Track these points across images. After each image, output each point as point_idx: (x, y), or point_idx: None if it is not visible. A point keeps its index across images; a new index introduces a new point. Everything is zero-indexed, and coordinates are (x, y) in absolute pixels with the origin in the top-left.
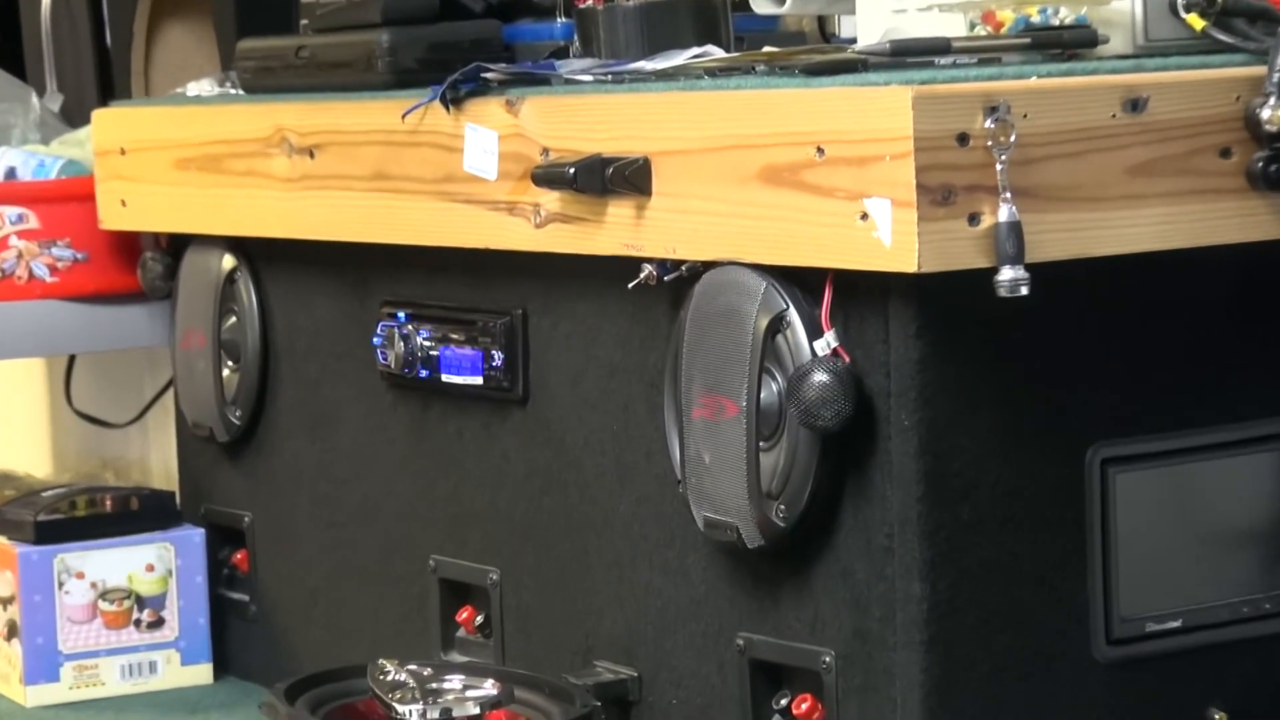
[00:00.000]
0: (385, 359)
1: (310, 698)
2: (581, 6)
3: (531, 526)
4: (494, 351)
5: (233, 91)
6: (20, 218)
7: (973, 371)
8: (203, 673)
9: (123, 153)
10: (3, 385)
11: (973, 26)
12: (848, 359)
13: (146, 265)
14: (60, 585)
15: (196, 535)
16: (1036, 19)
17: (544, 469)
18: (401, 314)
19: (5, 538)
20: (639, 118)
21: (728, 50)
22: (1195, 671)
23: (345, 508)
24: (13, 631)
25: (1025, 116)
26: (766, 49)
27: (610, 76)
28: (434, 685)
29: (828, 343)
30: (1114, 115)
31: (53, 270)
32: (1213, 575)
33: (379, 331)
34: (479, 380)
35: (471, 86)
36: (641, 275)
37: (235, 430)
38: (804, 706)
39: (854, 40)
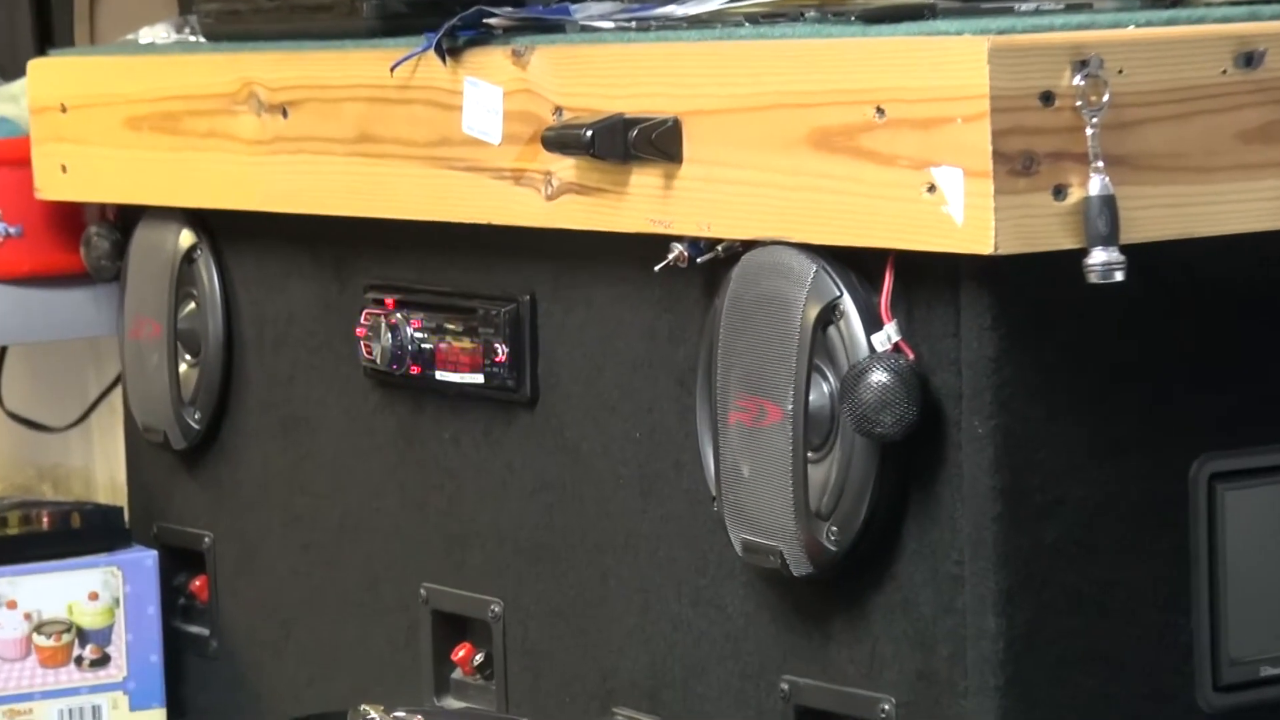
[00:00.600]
0: (370, 353)
1: None
2: None
3: (540, 549)
4: (497, 345)
5: (193, 39)
6: None
7: (1057, 371)
8: (155, 719)
9: (63, 110)
10: None
11: None
12: (911, 355)
13: (91, 242)
14: None
15: (148, 558)
16: None
17: (555, 482)
18: (389, 300)
19: None
20: (668, 72)
21: None
22: None
23: (323, 527)
24: None
25: (1120, 72)
26: None
27: (634, 23)
28: None
29: (888, 336)
30: (1224, 71)
31: None
32: None
33: (363, 321)
34: (479, 379)
35: (472, 34)
36: (670, 256)
37: (194, 435)
38: None
39: None
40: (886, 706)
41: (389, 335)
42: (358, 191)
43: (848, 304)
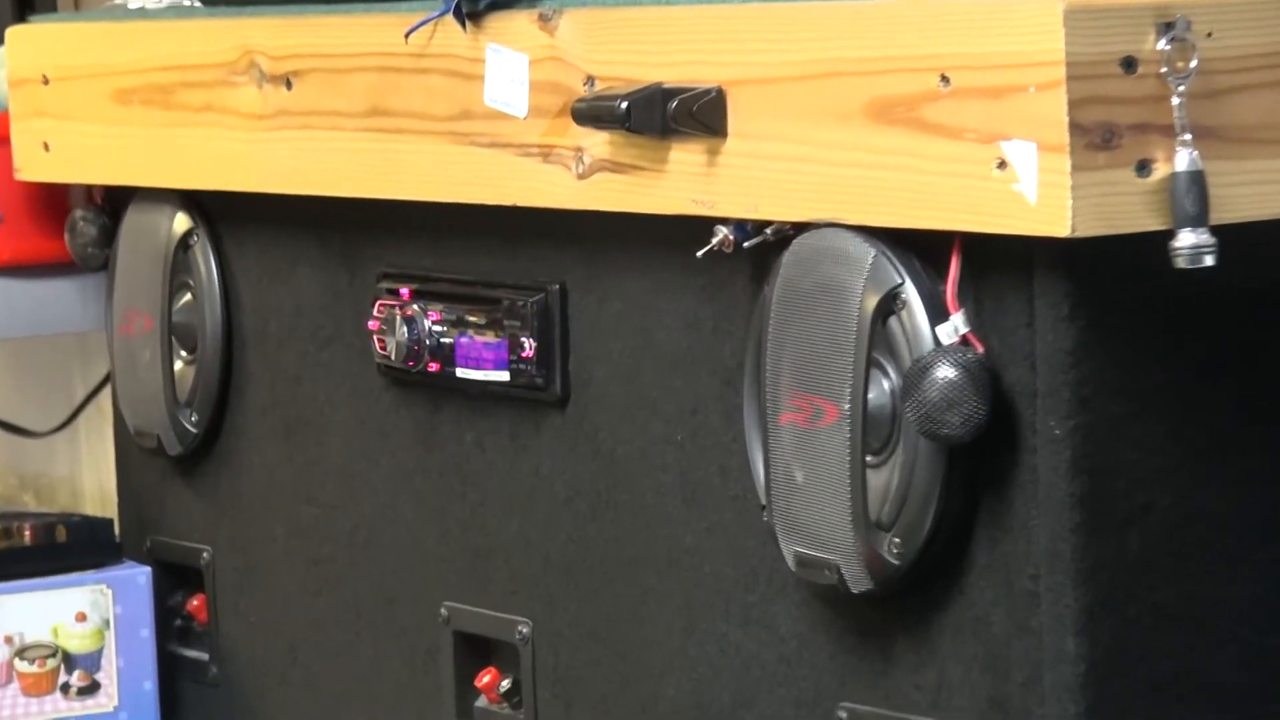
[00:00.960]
0: (383, 349)
1: None
2: None
3: (572, 564)
4: (523, 339)
5: (187, 3)
6: None
7: (1142, 365)
8: None
9: (45, 82)
10: None
11: None
12: (980, 348)
13: (76, 227)
14: None
15: (141, 575)
16: None
17: (588, 490)
18: (404, 290)
19: None
20: (711, 36)
21: None
22: None
23: (333, 540)
24: None
25: (1209, 35)
26: None
27: None
28: None
29: (955, 328)
30: None
31: None
32: None
33: (376, 313)
34: (504, 376)
35: None
36: (714, 241)
37: (190, 440)
38: None
39: None
40: None
41: (404, 328)
42: (369, 171)
43: (910, 292)
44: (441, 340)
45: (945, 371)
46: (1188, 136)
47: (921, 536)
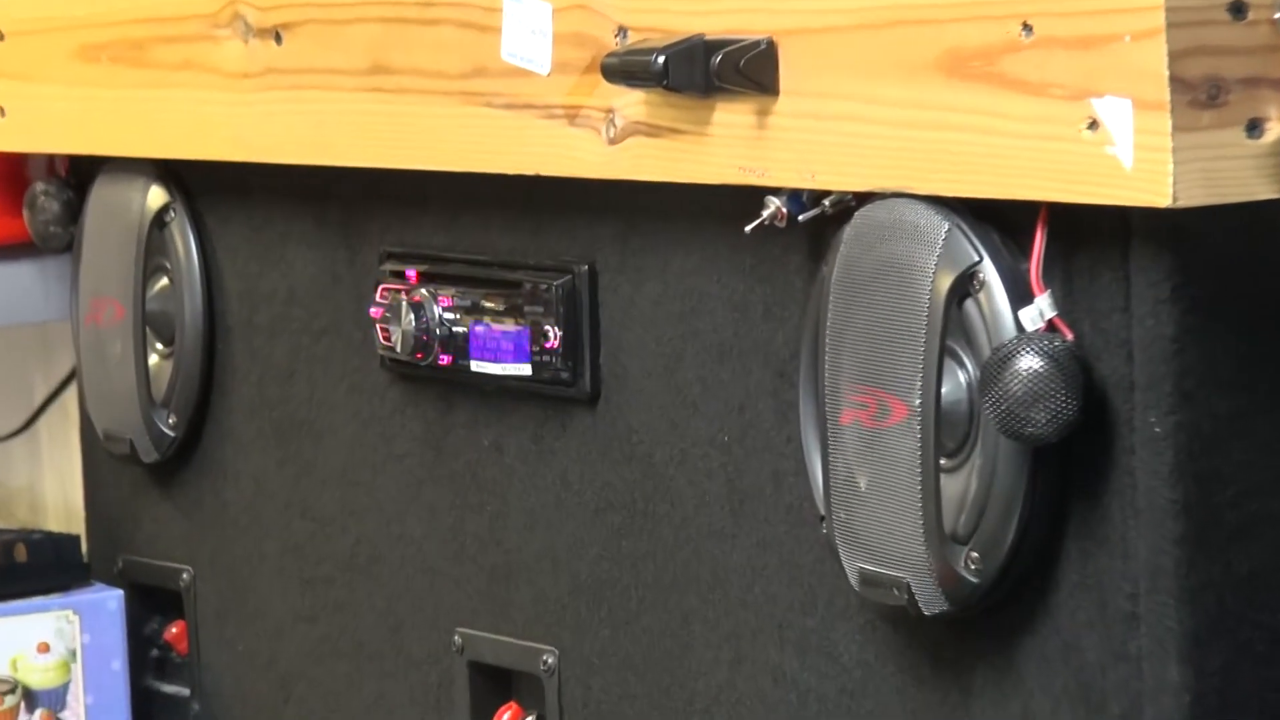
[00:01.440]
0: (388, 339)
1: None
2: None
3: (604, 585)
4: (547, 327)
5: None
6: None
7: (1254, 353)
8: None
9: (1, 37)
10: None
11: None
12: (1070, 335)
13: (37, 204)
14: None
15: (112, 599)
16: None
17: (622, 500)
18: (411, 272)
19: None
20: None
21: None
22: None
23: (331, 559)
24: None
25: None
26: None
27: None
28: None
29: (1040, 311)
30: None
31: None
32: None
33: (379, 299)
34: (526, 370)
35: None
36: (765, 214)
37: (168, 445)
38: None
39: None
40: None
41: (411, 316)
42: (370, 137)
43: (989, 271)
44: (454, 329)
45: (1029, 362)
46: None
47: (1003, 550)
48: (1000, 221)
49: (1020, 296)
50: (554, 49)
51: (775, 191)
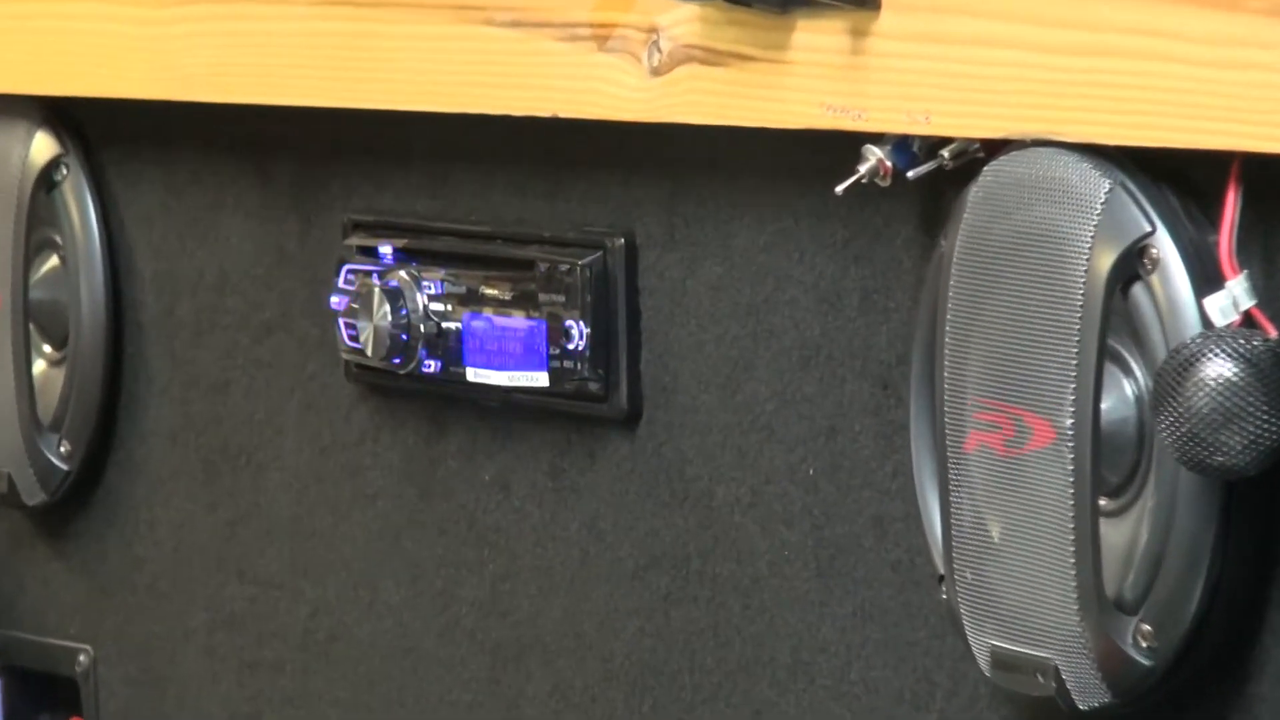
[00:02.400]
0: (354, 337)
1: None
2: None
3: (649, 670)
4: (570, 322)
5: None
6: None
7: None
8: None
9: None
10: None
11: None
12: (1273, 332)
13: None
14: None
15: None
16: None
17: (671, 556)
18: (386, 248)
19: None
20: None
21: None
22: None
23: (279, 635)
24: None
25: None
26: None
27: None
28: None
29: (1233, 300)
30: None
31: None
32: None
33: (343, 284)
34: (540, 379)
35: None
36: (862, 169)
37: (59, 482)
38: None
39: None
40: None
41: (387, 308)
42: (331, 67)
43: (1164, 246)
44: (444, 325)
45: (1219, 368)
46: None
47: (1185, 622)
48: (1180, 180)
49: (1206, 280)
50: None
51: (876, 139)
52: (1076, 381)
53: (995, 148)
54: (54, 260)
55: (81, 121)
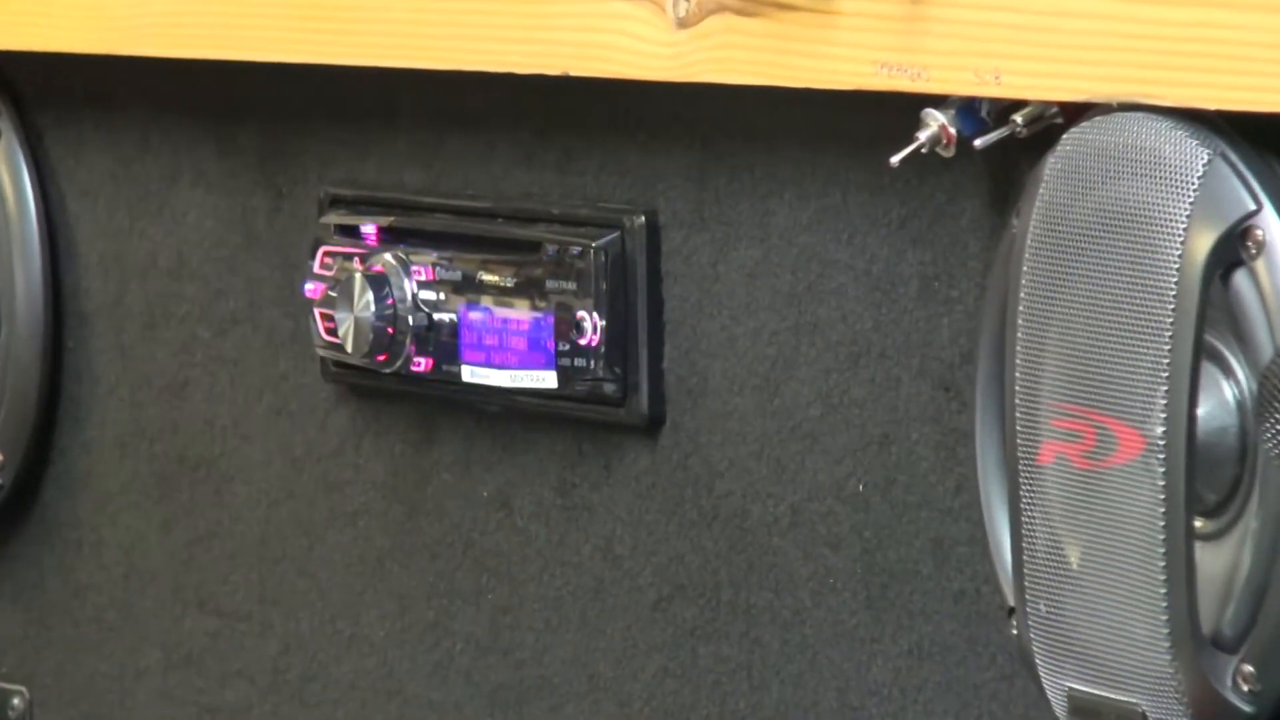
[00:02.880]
0: (332, 330)
1: None
2: None
3: (672, 713)
4: (582, 313)
5: None
6: None
7: None
8: None
9: None
10: None
11: None
12: None
13: None
14: None
15: None
16: None
17: (698, 583)
18: (369, 228)
19: None
20: None
21: None
22: None
23: (245, 675)
24: None
25: None
26: None
27: None
28: None
29: None
30: None
31: None
32: None
33: (318, 268)
34: (548, 380)
35: None
36: (921, 136)
37: None
38: None
39: None
40: None
41: (370, 296)
42: (304, 16)
43: (1271, 226)
44: (435, 317)
45: None
46: None
47: None
48: None
49: None
50: None
51: (938, 102)
52: (1169, 384)
53: (1076, 112)
54: None
55: (14, 79)
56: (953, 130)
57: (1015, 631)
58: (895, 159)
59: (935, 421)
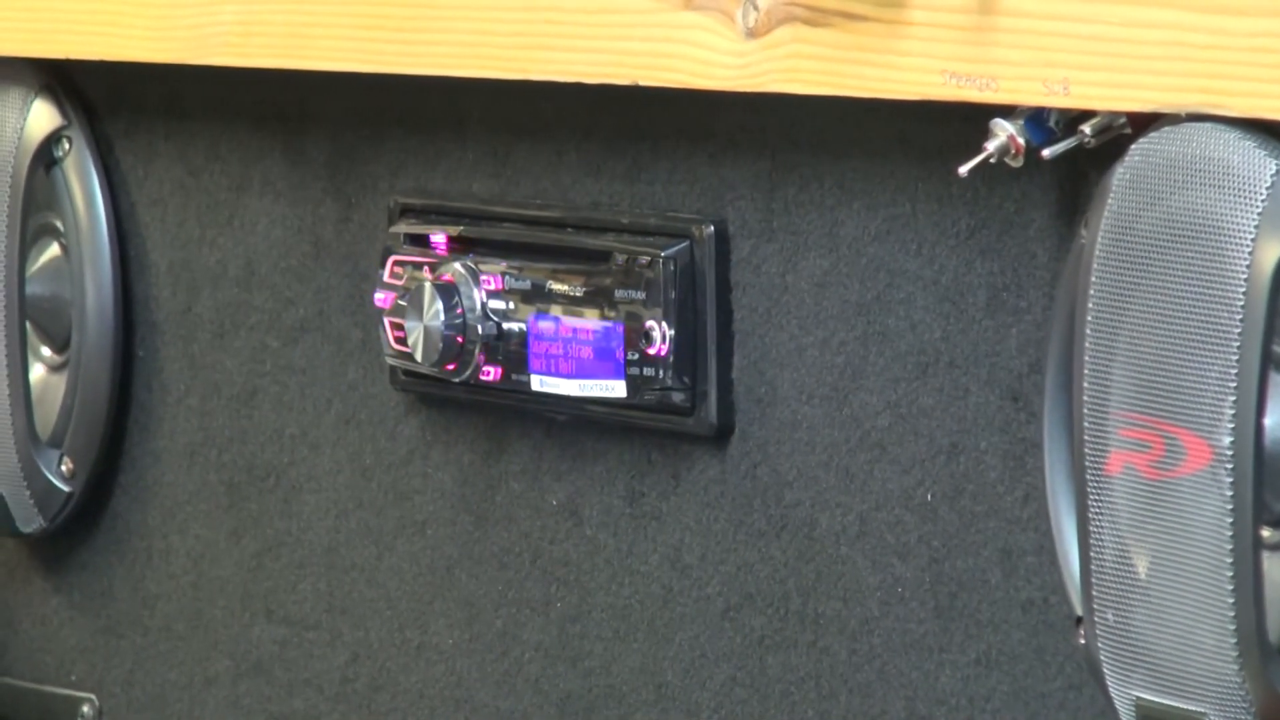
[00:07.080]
0: (401, 339)
1: None
2: None
3: None
4: (651, 323)
5: None
6: None
7: None
8: None
9: None
10: None
11: None
12: None
13: None
14: None
15: None
16: None
17: (767, 593)
18: (439, 238)
19: None
20: None
21: None
22: None
23: (313, 683)
24: None
25: None
26: None
27: None
28: None
29: None
30: None
31: None
32: None
33: (388, 278)
34: (618, 387)
35: None
36: (989, 147)
37: (61, 506)
38: None
39: None
40: None
41: (440, 306)
42: (373, 27)
43: None
44: (505, 326)
45: None
46: None
47: None
48: None
49: None
50: None
51: (1007, 112)
52: (1237, 394)
53: (1145, 123)
54: (54, 249)
55: (86, 89)
56: (1021, 140)
57: (1083, 641)
58: (964, 169)
59: (1003, 431)
